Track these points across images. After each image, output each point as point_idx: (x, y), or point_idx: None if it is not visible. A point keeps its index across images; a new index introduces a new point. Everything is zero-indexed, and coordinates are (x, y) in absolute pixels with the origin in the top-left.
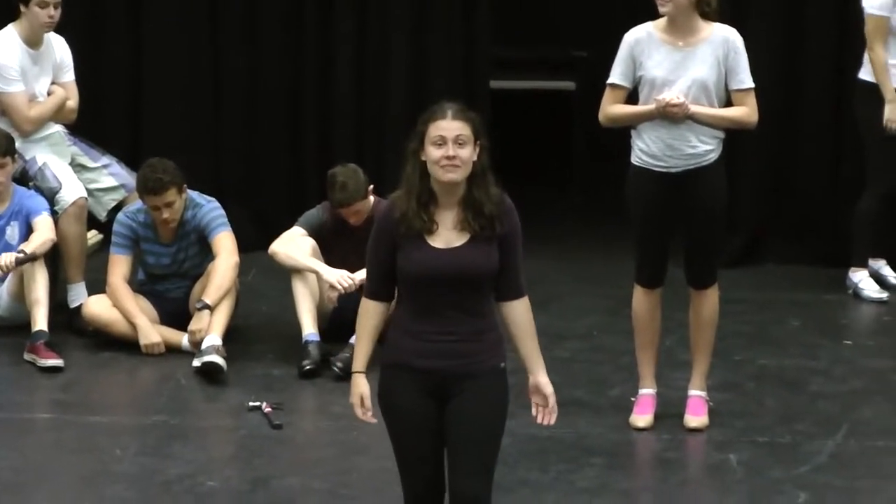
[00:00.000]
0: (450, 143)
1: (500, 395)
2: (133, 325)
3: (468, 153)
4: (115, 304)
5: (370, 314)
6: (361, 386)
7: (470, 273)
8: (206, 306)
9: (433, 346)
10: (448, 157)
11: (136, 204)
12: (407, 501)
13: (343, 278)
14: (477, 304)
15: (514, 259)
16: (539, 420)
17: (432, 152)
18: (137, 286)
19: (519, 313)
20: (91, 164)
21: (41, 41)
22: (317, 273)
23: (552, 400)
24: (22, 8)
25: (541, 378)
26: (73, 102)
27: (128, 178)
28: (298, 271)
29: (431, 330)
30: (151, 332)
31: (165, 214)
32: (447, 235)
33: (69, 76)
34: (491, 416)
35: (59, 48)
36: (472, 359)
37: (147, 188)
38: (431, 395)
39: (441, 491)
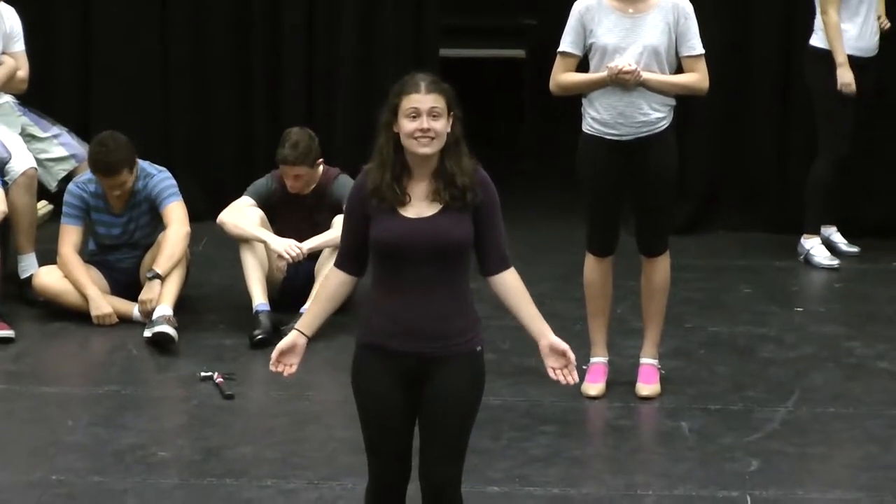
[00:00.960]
0: (424, 115)
1: (476, 381)
2: (84, 296)
3: (442, 125)
4: (66, 275)
5: (333, 283)
6: (287, 341)
7: (442, 241)
8: (157, 276)
9: (408, 327)
10: (422, 130)
11: (87, 174)
12: (371, 483)
13: (290, 247)
14: (452, 279)
15: (494, 230)
16: (563, 381)
17: (406, 125)
18: (88, 256)
19: (510, 282)
20: (41, 134)
21: None
22: (265, 243)
23: (572, 355)
24: None
25: (552, 338)
26: (23, 73)
27: (78, 148)
28: (247, 241)
29: (406, 308)
30: (103, 303)
31: (116, 192)
32: (419, 206)
33: (19, 46)
34: (466, 403)
35: (8, 18)
36: (447, 341)
37: (98, 169)
38: (405, 379)
39: (407, 475)
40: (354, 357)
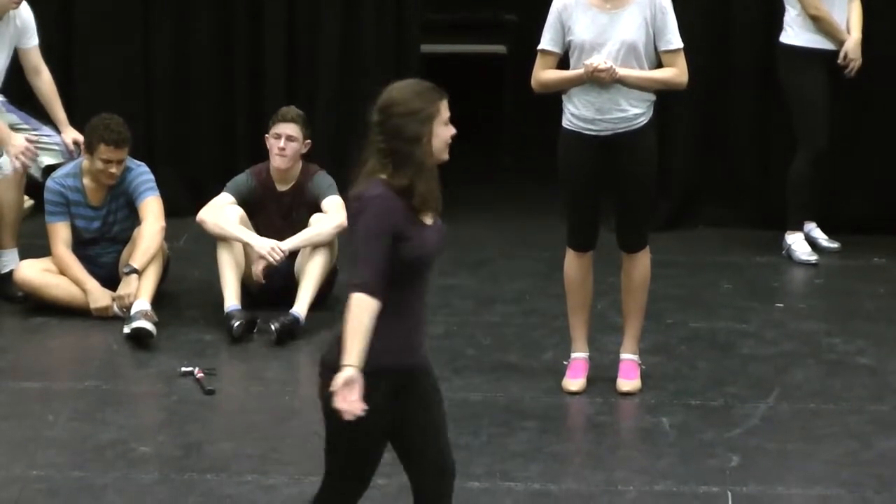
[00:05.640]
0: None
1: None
2: (84, 290)
3: None
4: (63, 273)
5: (370, 315)
6: (347, 376)
7: (444, 246)
8: (134, 271)
9: (415, 341)
10: (453, 137)
11: (64, 169)
12: (329, 491)
13: (274, 250)
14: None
15: None
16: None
17: (444, 132)
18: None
19: None
20: (30, 130)
21: (3, 14)
22: (247, 244)
23: None
24: None
25: None
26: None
27: (65, 147)
28: (226, 240)
29: (417, 321)
30: (102, 296)
31: (113, 169)
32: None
33: (33, 41)
34: (442, 407)
35: (20, 12)
36: (423, 349)
37: (111, 139)
38: (393, 398)
39: (367, 483)
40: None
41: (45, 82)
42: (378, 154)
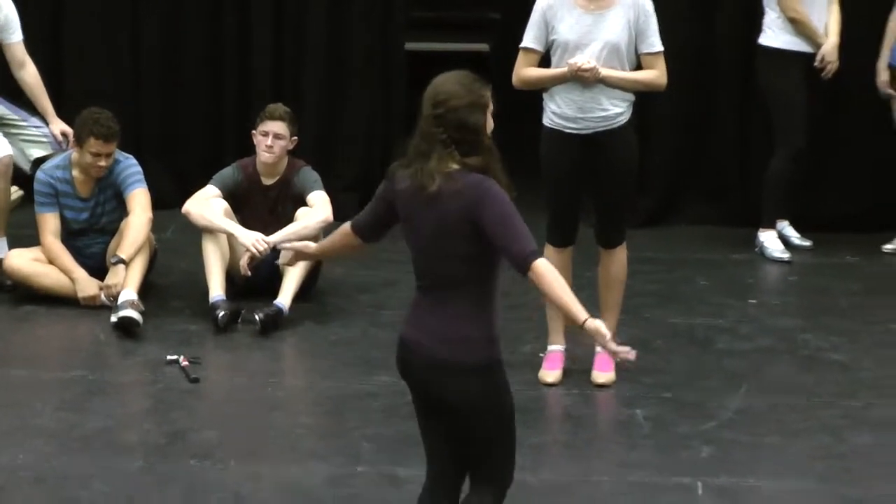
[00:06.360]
0: None
1: None
2: (71, 279)
3: None
4: (52, 263)
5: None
6: (602, 325)
7: None
8: (121, 261)
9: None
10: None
11: (54, 161)
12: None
13: (259, 241)
14: None
15: None
16: None
17: (491, 122)
18: None
19: None
20: (18, 122)
21: None
22: (232, 235)
23: None
24: None
25: None
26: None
27: (52, 137)
28: (211, 232)
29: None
30: (90, 285)
31: (102, 162)
32: None
33: (16, 37)
34: None
35: (2, 7)
36: None
37: (100, 133)
38: None
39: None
40: (501, 376)
41: (30, 75)
42: (440, 146)
